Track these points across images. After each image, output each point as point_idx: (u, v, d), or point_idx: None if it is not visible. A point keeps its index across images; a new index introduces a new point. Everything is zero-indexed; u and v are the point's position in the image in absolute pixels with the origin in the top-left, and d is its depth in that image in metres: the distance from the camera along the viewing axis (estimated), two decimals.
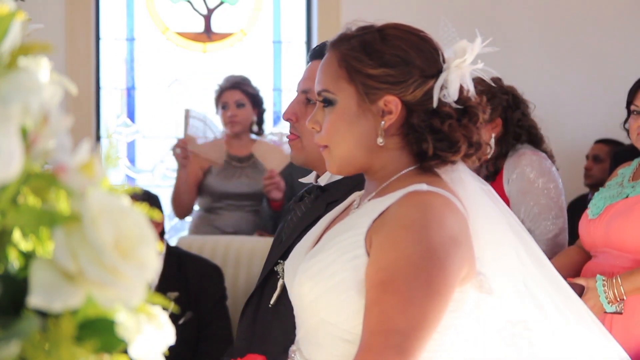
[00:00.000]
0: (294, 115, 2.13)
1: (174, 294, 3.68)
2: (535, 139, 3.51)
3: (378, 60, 1.62)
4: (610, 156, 4.81)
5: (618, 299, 2.78)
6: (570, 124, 5.25)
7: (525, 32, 5.13)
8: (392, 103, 1.62)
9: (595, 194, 3.09)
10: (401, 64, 1.62)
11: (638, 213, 2.87)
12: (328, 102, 1.67)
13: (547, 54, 5.23)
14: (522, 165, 3.37)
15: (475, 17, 4.98)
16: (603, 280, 2.80)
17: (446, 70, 1.62)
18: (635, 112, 3.01)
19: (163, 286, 3.69)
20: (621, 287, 2.77)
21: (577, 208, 4.63)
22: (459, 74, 1.62)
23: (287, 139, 2.20)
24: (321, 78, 1.69)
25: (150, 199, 3.88)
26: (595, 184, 4.77)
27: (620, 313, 2.80)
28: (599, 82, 5.25)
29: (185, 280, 3.74)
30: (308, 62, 2.20)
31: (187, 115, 4.42)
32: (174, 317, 3.57)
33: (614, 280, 2.79)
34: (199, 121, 4.47)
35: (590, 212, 3.02)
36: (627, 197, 2.94)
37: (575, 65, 5.28)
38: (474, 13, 5.01)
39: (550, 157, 3.49)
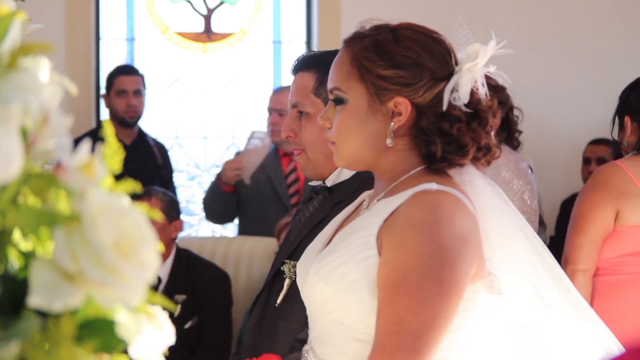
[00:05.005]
0: (292, 132, 2.16)
1: (182, 297, 3.66)
2: (514, 141, 3.48)
3: (389, 61, 1.62)
4: (614, 157, 4.73)
5: None
6: (566, 123, 5.25)
7: (519, 31, 5.12)
8: (402, 105, 1.62)
9: None
10: (412, 66, 1.61)
11: None
12: (339, 101, 1.67)
13: (541, 54, 5.23)
14: (498, 165, 3.31)
15: (469, 16, 4.98)
16: None
17: (458, 73, 1.61)
18: None
19: (171, 288, 3.68)
20: None
21: (571, 206, 4.57)
22: (471, 77, 1.61)
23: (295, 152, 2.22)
24: (333, 76, 1.69)
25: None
26: None
27: None
28: (595, 82, 5.25)
29: (194, 284, 3.72)
30: (293, 75, 2.21)
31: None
32: (180, 321, 3.56)
33: None
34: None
35: None
36: None
37: (571, 65, 5.28)
38: (467, 12, 5.00)
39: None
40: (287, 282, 2.10)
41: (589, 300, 2.94)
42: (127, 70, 4.65)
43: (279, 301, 2.10)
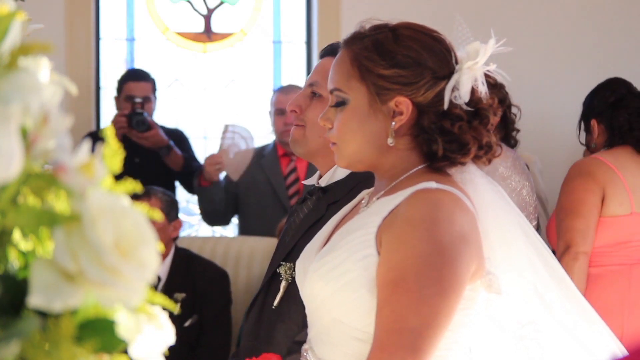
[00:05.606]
0: (297, 107, 2.15)
1: (181, 295, 3.67)
2: (511, 140, 3.49)
3: (390, 61, 1.62)
4: None
5: None
6: (565, 122, 5.23)
7: (519, 30, 5.12)
8: (403, 104, 1.62)
9: None
10: (413, 65, 1.62)
11: None
12: (340, 102, 1.67)
13: (540, 53, 5.23)
14: (494, 161, 3.28)
15: (469, 16, 4.98)
16: None
17: (458, 72, 1.61)
18: None
19: (170, 287, 3.69)
20: None
21: None
22: (471, 75, 1.61)
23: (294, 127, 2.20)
24: (333, 76, 1.69)
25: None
26: None
27: None
28: (595, 81, 5.24)
29: (193, 283, 3.73)
30: (320, 58, 2.21)
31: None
32: (179, 319, 3.57)
33: None
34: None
35: None
36: None
37: (570, 64, 5.27)
38: (467, 12, 5.00)
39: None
40: (283, 284, 2.09)
41: (584, 284, 2.98)
42: (136, 76, 4.62)
43: (275, 303, 2.10)
